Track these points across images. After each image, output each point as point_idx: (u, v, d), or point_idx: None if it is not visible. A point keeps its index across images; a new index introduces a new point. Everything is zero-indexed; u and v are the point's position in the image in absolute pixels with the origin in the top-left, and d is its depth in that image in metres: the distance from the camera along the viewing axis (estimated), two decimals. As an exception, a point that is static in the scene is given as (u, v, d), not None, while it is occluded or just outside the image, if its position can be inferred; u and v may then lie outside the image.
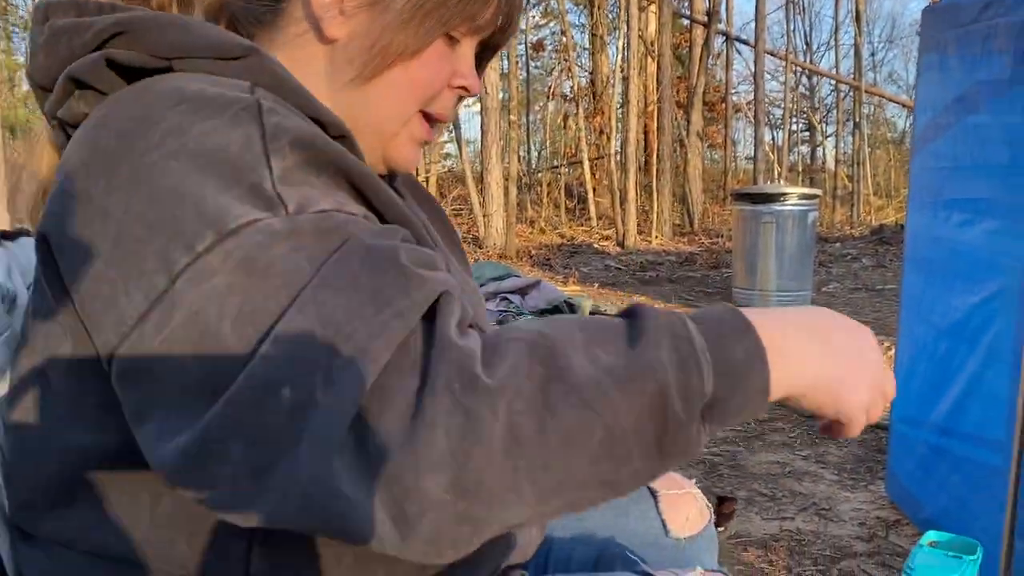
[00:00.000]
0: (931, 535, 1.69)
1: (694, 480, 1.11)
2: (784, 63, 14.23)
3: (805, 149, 20.31)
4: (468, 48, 0.74)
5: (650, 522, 1.04)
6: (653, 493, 1.06)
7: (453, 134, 12.98)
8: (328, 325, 0.47)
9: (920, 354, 2.32)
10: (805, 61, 18.15)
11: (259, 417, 0.46)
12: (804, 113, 19.58)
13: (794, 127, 20.19)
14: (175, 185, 0.52)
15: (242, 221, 0.51)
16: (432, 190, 14.34)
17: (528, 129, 16.72)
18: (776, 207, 6.27)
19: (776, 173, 16.18)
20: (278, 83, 0.61)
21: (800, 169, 19.15)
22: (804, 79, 18.71)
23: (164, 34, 0.60)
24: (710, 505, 1.09)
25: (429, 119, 0.75)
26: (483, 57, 0.79)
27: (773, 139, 17.70)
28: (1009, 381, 1.73)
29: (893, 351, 2.58)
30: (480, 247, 9.75)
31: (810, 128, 19.93)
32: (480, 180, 10.21)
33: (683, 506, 1.05)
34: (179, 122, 0.54)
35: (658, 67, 12.17)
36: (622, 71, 12.22)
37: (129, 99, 0.58)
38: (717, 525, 1.72)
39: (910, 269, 2.44)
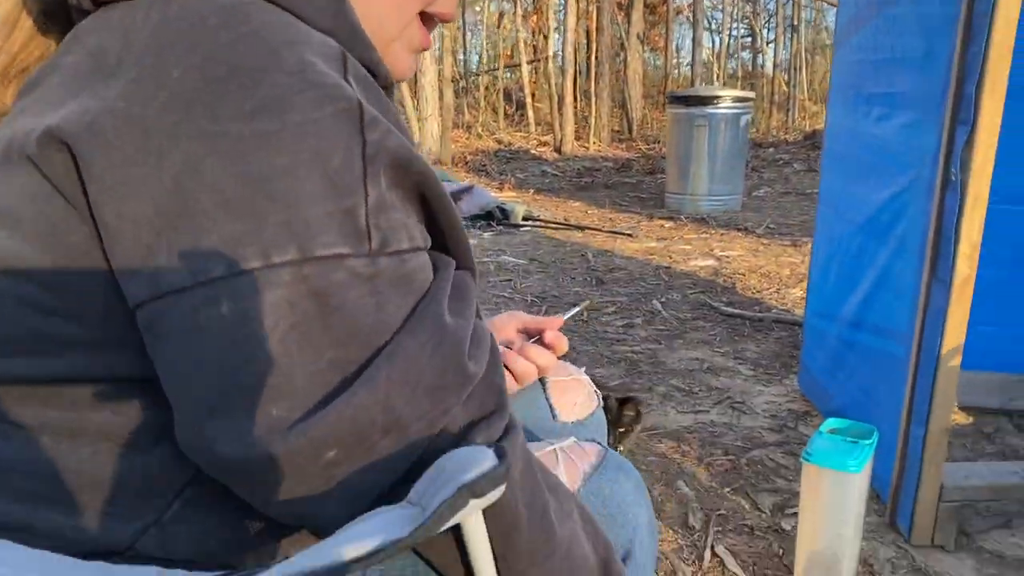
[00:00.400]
0: (831, 422, 1.71)
1: (583, 368, 1.09)
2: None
3: (747, 55, 20.23)
4: None
5: (538, 408, 1.02)
6: (542, 380, 1.03)
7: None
8: (383, 401, 0.51)
9: (835, 250, 2.34)
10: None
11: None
12: (747, 19, 19.39)
13: (736, 32, 19.99)
14: (268, 173, 0.48)
15: (330, 253, 0.49)
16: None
17: (464, 29, 16.21)
18: (709, 110, 6.24)
19: (715, 78, 16.09)
20: (353, 35, 0.57)
21: (740, 75, 19.08)
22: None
23: None
24: (599, 393, 1.07)
25: (427, 23, 0.71)
26: None
27: (713, 45, 17.54)
28: (915, 273, 1.74)
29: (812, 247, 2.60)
30: (415, 152, 9.55)
31: (752, 34, 19.79)
32: (414, 83, 9.91)
33: (571, 392, 1.03)
34: (278, 98, 0.49)
35: (598, -34, 11.83)
36: (561, -31, 11.85)
37: (212, 27, 0.50)
38: (620, 427, 1.73)
39: (828, 166, 2.43)
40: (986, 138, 1.53)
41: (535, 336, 1.00)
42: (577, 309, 1.15)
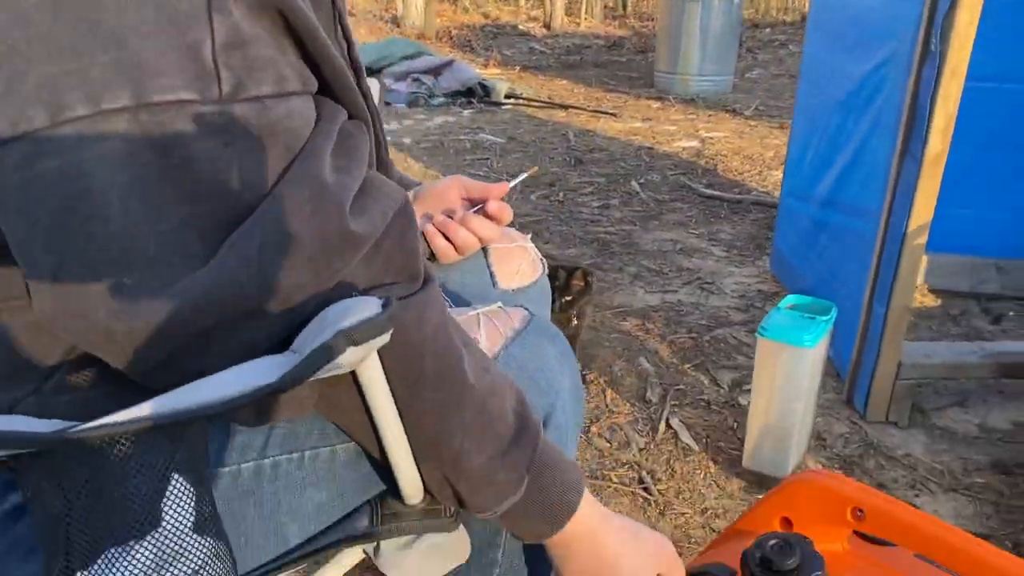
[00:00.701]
0: (790, 299, 1.70)
1: (529, 235, 1.06)
2: None
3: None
4: None
5: (479, 275, 0.99)
6: (484, 248, 1.00)
7: None
8: (256, 271, 0.47)
9: (813, 129, 2.28)
10: None
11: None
12: None
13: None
14: (90, 4, 0.42)
15: (170, 98, 0.43)
16: (348, -38, 13.24)
17: None
18: (703, -14, 5.98)
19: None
20: None
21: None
22: None
23: None
24: (544, 260, 1.04)
25: None
26: None
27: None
28: (889, 150, 1.69)
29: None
30: (398, 26, 9.20)
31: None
32: (397, -49, 9.44)
33: (513, 259, 1.00)
34: None
35: None
36: None
37: None
38: (567, 296, 1.71)
39: (812, 39, 2.34)
40: (968, 7, 1.45)
41: (479, 204, 0.95)
42: (524, 176, 1.10)
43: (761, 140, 4.47)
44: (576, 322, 1.79)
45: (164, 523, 0.48)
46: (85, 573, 0.47)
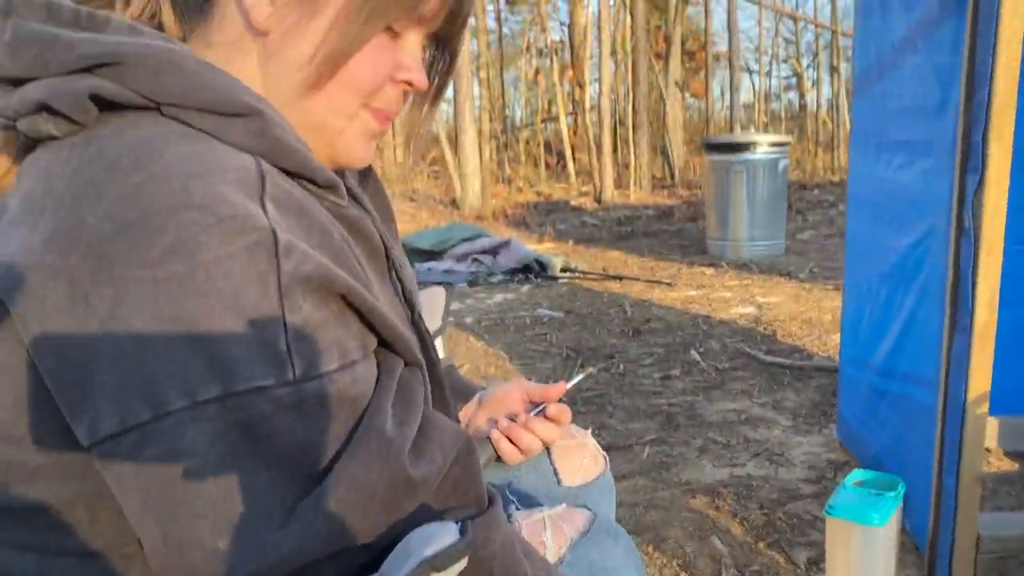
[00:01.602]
0: (857, 474, 1.70)
1: (589, 430, 1.12)
2: (759, 9, 14.08)
3: (792, 96, 20.25)
4: (412, 40, 0.70)
5: (543, 473, 1.04)
6: (547, 446, 1.06)
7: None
8: (335, 522, 0.53)
9: (864, 297, 2.33)
10: (783, 5, 17.94)
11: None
12: (788, 61, 19.44)
13: (782, 74, 20.01)
14: (185, 314, 0.50)
15: (252, 386, 0.51)
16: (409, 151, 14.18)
17: (503, 86, 16.53)
18: (746, 156, 6.26)
19: (758, 120, 16.09)
20: (279, 149, 0.58)
21: (787, 116, 19.07)
22: (792, 25, 18.54)
23: (162, 77, 0.56)
24: (605, 455, 1.09)
25: (378, 113, 0.70)
26: (443, 48, 0.76)
27: (753, 86, 17.56)
28: (939, 320, 1.73)
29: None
30: (457, 208, 9.70)
31: (795, 75, 19.82)
32: (455, 141, 10.12)
33: (575, 456, 1.05)
34: (187, 239, 0.50)
35: (631, 17, 12.02)
36: (597, 23, 12.06)
37: (123, 169, 0.52)
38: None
39: (853, 213, 2.43)
40: (996, 185, 1.53)
41: (539, 405, 1.03)
42: (580, 377, 1.18)
43: (818, 303, 4.51)
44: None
45: None
46: None
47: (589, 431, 1.15)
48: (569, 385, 1.09)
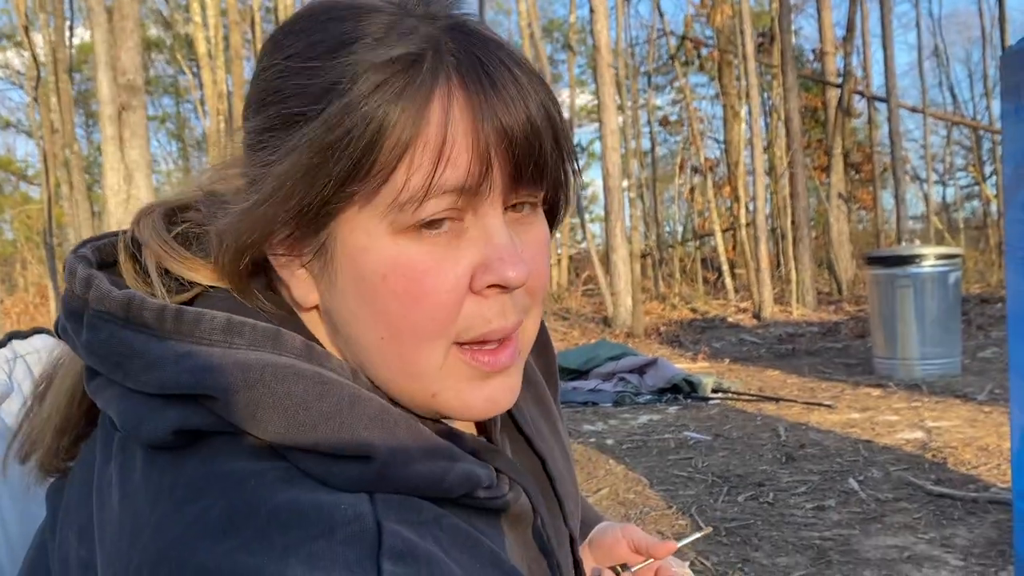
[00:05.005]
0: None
1: (687, 564, 1.05)
2: (924, 116, 13.60)
3: (977, 204, 19.22)
4: (485, 223, 0.51)
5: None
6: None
7: (578, 218, 13.13)
8: None
9: (1035, 424, 2.10)
10: (953, 112, 17.26)
11: None
12: (967, 168, 18.57)
13: (963, 182, 19.15)
14: None
15: None
16: (563, 271, 14.47)
17: (656, 204, 16.67)
18: (913, 269, 5.91)
19: (933, 231, 15.26)
20: (388, 476, 0.48)
21: (970, 225, 18.05)
22: (968, 132, 17.80)
23: (259, 415, 0.47)
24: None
25: (475, 348, 0.53)
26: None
27: (926, 195, 16.76)
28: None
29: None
30: (609, 326, 9.71)
31: (977, 182, 18.86)
32: (606, 260, 10.23)
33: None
34: None
35: (787, 132, 11.93)
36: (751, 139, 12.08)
37: (212, 531, 0.45)
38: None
39: (1015, 332, 2.23)
40: None
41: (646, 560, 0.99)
42: (695, 536, 1.12)
43: (997, 429, 4.09)
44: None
45: None
46: None
47: (687, 564, 1.09)
48: (679, 544, 1.04)
